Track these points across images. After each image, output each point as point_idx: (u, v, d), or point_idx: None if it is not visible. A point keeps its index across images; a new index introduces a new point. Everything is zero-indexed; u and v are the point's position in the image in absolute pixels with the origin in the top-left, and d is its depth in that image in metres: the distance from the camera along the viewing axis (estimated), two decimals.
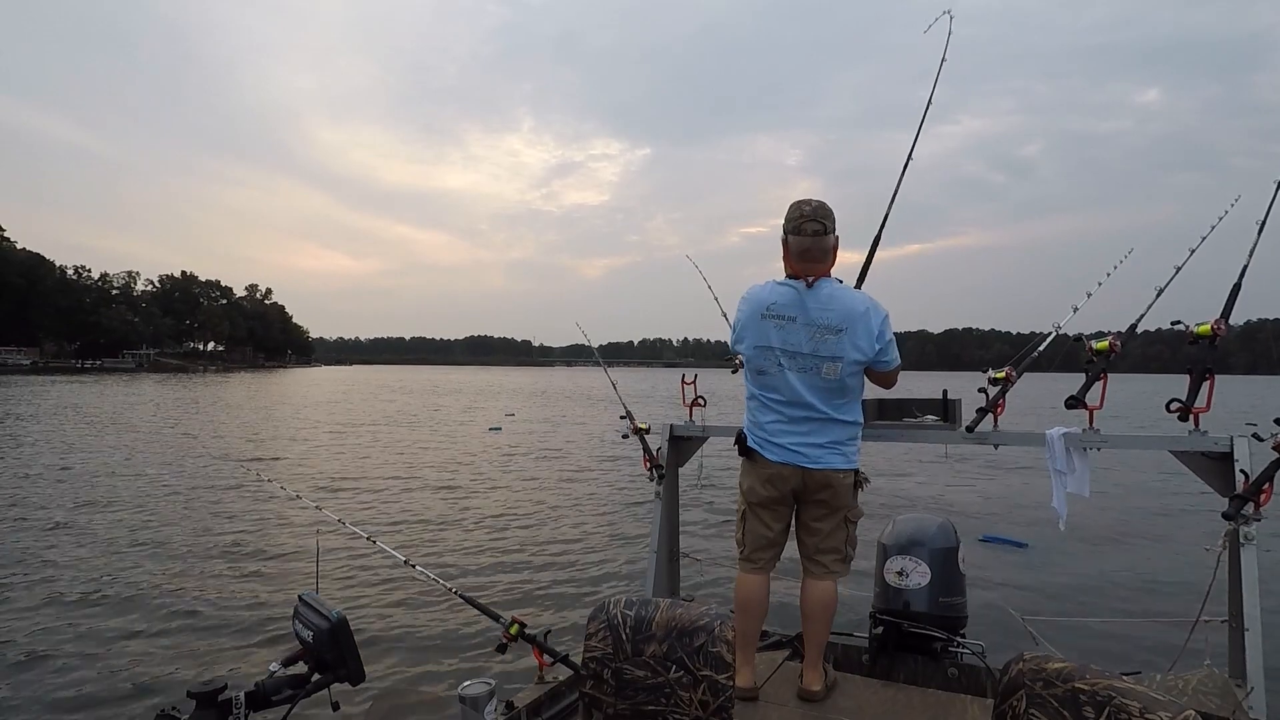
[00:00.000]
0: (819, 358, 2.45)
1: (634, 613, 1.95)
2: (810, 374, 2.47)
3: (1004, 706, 1.52)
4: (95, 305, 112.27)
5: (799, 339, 2.46)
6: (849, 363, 2.45)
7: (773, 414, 2.54)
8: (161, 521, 8.83)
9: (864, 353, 2.45)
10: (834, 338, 2.44)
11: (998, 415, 2.60)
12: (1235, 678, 2.23)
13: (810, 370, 2.46)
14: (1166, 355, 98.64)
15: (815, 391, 2.47)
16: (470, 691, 2.02)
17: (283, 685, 1.51)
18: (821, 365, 2.45)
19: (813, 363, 2.46)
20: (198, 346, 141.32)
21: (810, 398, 2.47)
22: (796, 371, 2.48)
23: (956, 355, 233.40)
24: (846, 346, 2.43)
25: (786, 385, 2.49)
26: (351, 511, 9.32)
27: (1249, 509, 2.12)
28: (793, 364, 2.47)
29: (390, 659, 4.82)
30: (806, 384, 2.47)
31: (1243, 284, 2.33)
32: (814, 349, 2.45)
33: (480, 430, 21.97)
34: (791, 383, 2.48)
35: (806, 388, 2.47)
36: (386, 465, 14.18)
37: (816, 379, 2.46)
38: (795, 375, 2.48)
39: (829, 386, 2.47)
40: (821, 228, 2.46)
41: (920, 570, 2.86)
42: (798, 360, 2.47)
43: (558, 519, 9.36)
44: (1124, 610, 5.67)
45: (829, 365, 2.44)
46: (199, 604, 5.88)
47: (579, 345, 4.50)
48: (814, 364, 2.46)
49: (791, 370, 2.48)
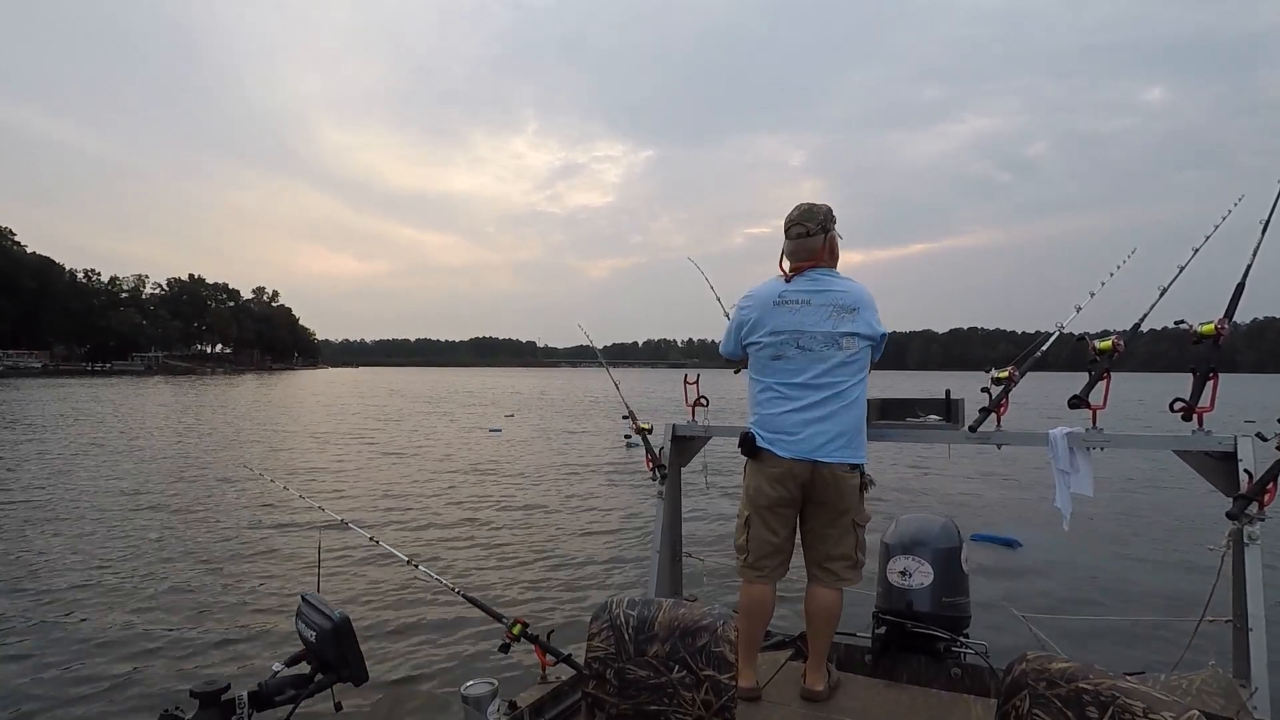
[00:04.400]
0: (838, 334, 2.50)
1: (636, 612, 1.96)
2: (830, 349, 2.50)
3: (1007, 707, 1.52)
4: (105, 308, 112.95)
5: (817, 318, 2.51)
6: (863, 339, 2.52)
7: (787, 402, 2.53)
8: (164, 521, 8.87)
9: (871, 333, 2.54)
10: (850, 315, 2.51)
11: (1000, 415, 2.60)
12: (1239, 678, 2.22)
13: (831, 346, 2.50)
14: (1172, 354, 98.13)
15: (833, 371, 2.50)
16: (473, 691, 2.03)
17: (286, 685, 1.51)
18: (841, 339, 2.50)
19: (833, 340, 2.50)
20: (206, 349, 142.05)
21: (827, 378, 2.50)
22: (814, 351, 2.51)
23: (961, 355, 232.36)
24: (861, 324, 2.51)
25: (803, 369, 2.52)
26: (353, 511, 9.35)
27: (1253, 509, 2.11)
28: (811, 343, 2.51)
29: (393, 659, 4.82)
30: (824, 364, 2.50)
31: (1246, 283, 2.32)
32: (834, 325, 2.51)
33: (481, 432, 21.98)
34: (808, 365, 2.51)
35: (824, 367, 2.50)
36: (388, 465, 14.21)
37: (836, 353, 2.50)
38: (812, 356, 2.51)
39: (849, 362, 2.51)
40: (805, 230, 2.56)
41: (923, 570, 2.86)
42: (817, 339, 2.51)
43: (560, 518, 9.36)
44: (1127, 610, 5.64)
45: (848, 339, 2.50)
46: (201, 604, 5.90)
47: (583, 346, 4.51)
48: (834, 340, 2.50)
49: (809, 351, 2.52)
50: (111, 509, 9.64)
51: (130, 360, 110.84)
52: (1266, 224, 2.33)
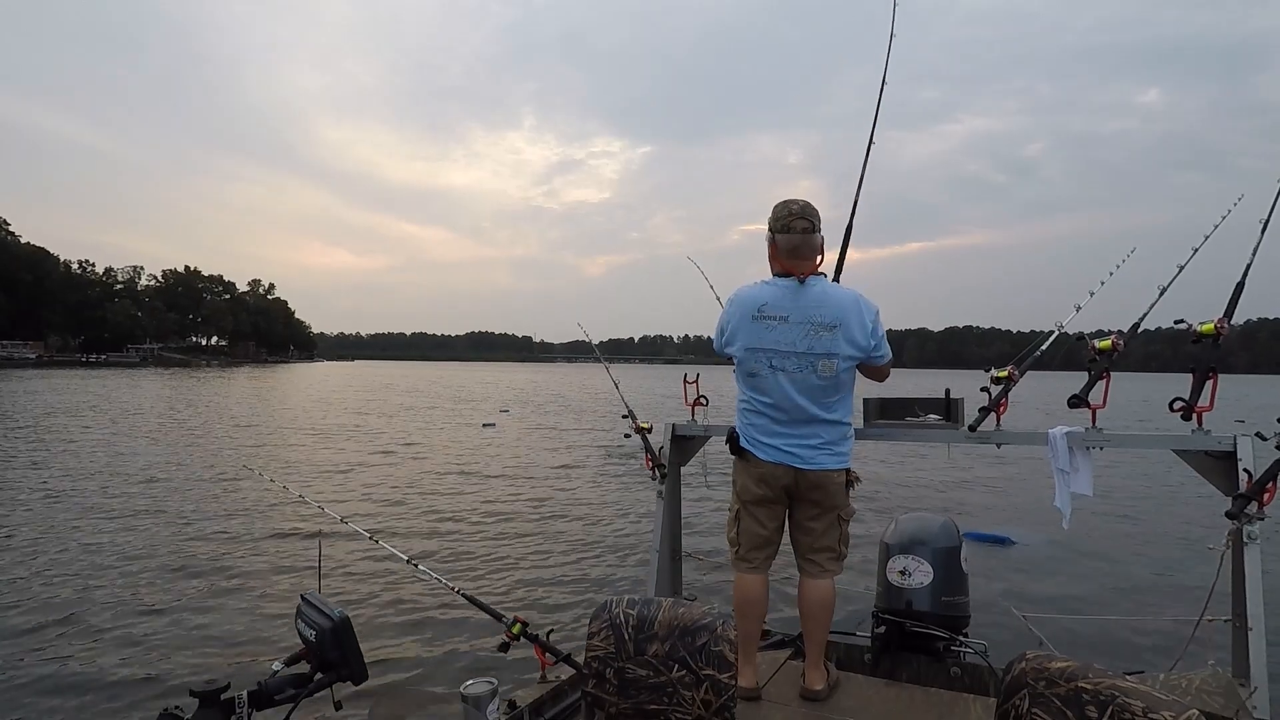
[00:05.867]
0: (814, 355, 2.45)
1: (636, 612, 1.96)
2: (804, 373, 2.46)
3: (1007, 706, 1.52)
4: (100, 300, 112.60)
5: (793, 337, 2.46)
6: (844, 358, 2.45)
7: (763, 418, 2.54)
8: (163, 520, 8.83)
9: (858, 348, 2.47)
10: (829, 334, 2.44)
11: (1000, 414, 2.60)
12: (1239, 677, 2.23)
13: (805, 369, 2.46)
14: (1167, 354, 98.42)
15: (807, 392, 2.47)
16: (473, 691, 2.02)
17: (285, 684, 1.51)
18: (817, 362, 2.45)
19: (808, 361, 2.45)
20: (201, 341, 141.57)
21: (801, 399, 2.47)
22: (788, 373, 2.47)
23: (957, 353, 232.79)
24: (841, 343, 2.44)
25: (777, 388, 2.49)
26: (353, 510, 9.33)
27: (1252, 508, 2.12)
28: (785, 364, 2.47)
29: (393, 658, 4.82)
30: (798, 386, 2.47)
31: (1246, 283, 2.33)
32: (809, 346, 2.45)
33: (475, 427, 21.93)
34: (782, 385, 2.48)
35: (798, 390, 2.47)
36: (385, 462, 14.18)
37: (811, 377, 2.46)
38: (786, 377, 2.47)
39: (823, 384, 2.47)
40: (810, 225, 2.50)
41: (923, 569, 2.87)
42: (791, 360, 2.46)
43: (560, 518, 9.35)
44: (1127, 609, 5.66)
45: (824, 362, 2.44)
46: (201, 603, 5.89)
47: (580, 341, 4.51)
48: (809, 362, 2.45)
49: (782, 372, 2.48)
50: (110, 509, 9.61)
51: (125, 352, 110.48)
52: (1266, 224, 2.34)
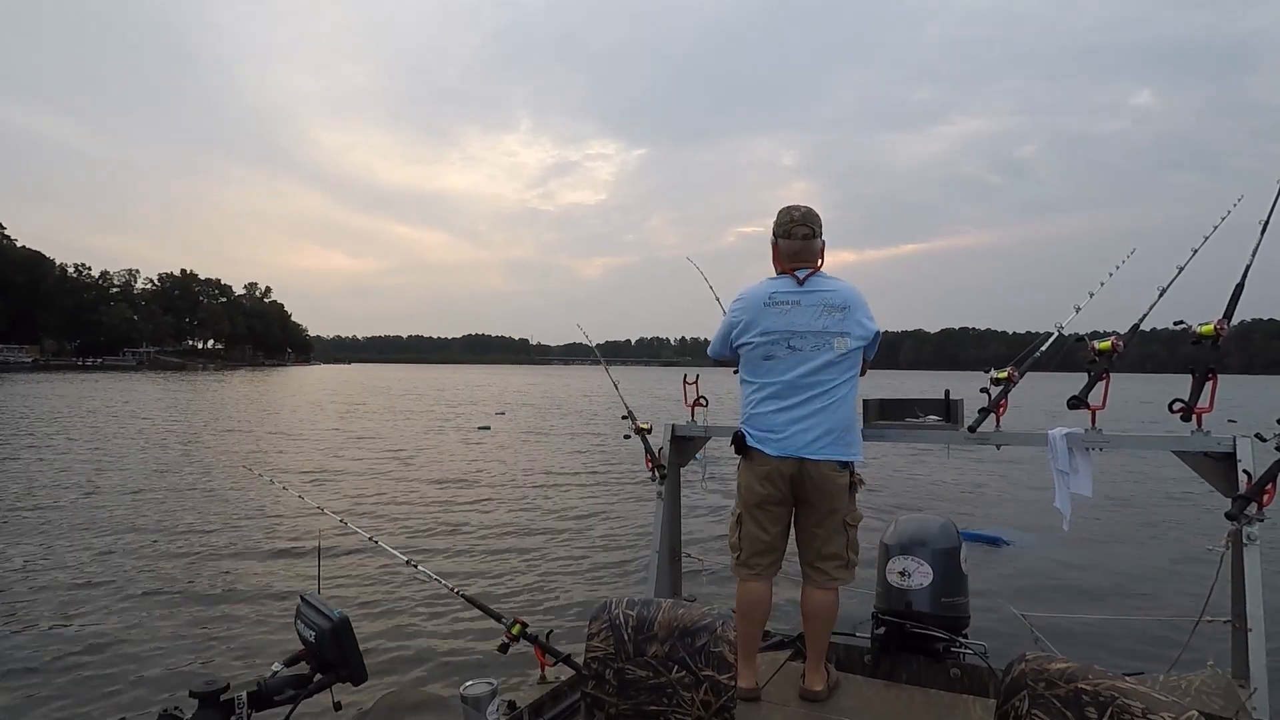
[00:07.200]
0: (829, 334, 2.52)
1: (636, 613, 1.95)
2: (822, 350, 2.52)
3: (1006, 707, 1.52)
4: (96, 303, 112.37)
5: (807, 318, 2.54)
6: (854, 338, 2.54)
7: (776, 401, 2.55)
8: (162, 521, 8.81)
9: (864, 332, 2.56)
10: (840, 314, 2.54)
11: (1000, 415, 2.61)
12: (1238, 678, 2.23)
13: (823, 347, 2.52)
14: (1163, 355, 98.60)
15: (821, 370, 2.52)
16: (472, 691, 2.02)
17: (285, 685, 1.51)
18: (833, 340, 2.52)
19: (824, 340, 2.52)
20: (197, 344, 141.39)
21: (815, 376, 2.52)
22: (805, 351, 2.53)
23: (953, 354, 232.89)
24: (851, 324, 2.54)
25: (793, 366, 2.54)
26: (351, 511, 9.31)
27: (1252, 509, 2.12)
28: (803, 343, 2.53)
29: (392, 659, 4.80)
30: (815, 362, 2.52)
31: (1245, 283, 2.33)
32: (824, 325, 2.53)
33: (469, 429, 21.88)
34: (797, 365, 2.53)
35: (814, 366, 2.52)
36: (385, 467, 14.15)
37: (828, 354, 2.52)
38: (803, 356, 2.53)
39: (838, 362, 2.52)
40: (811, 231, 2.62)
41: (922, 570, 2.87)
42: (809, 339, 2.53)
43: (558, 518, 9.35)
44: (1126, 610, 5.66)
45: (839, 339, 2.53)
46: (200, 604, 5.87)
47: (577, 344, 4.50)
48: (825, 340, 2.52)
49: (800, 351, 2.54)
50: (110, 509, 9.58)
51: (122, 355, 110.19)
52: (1265, 224, 2.34)
